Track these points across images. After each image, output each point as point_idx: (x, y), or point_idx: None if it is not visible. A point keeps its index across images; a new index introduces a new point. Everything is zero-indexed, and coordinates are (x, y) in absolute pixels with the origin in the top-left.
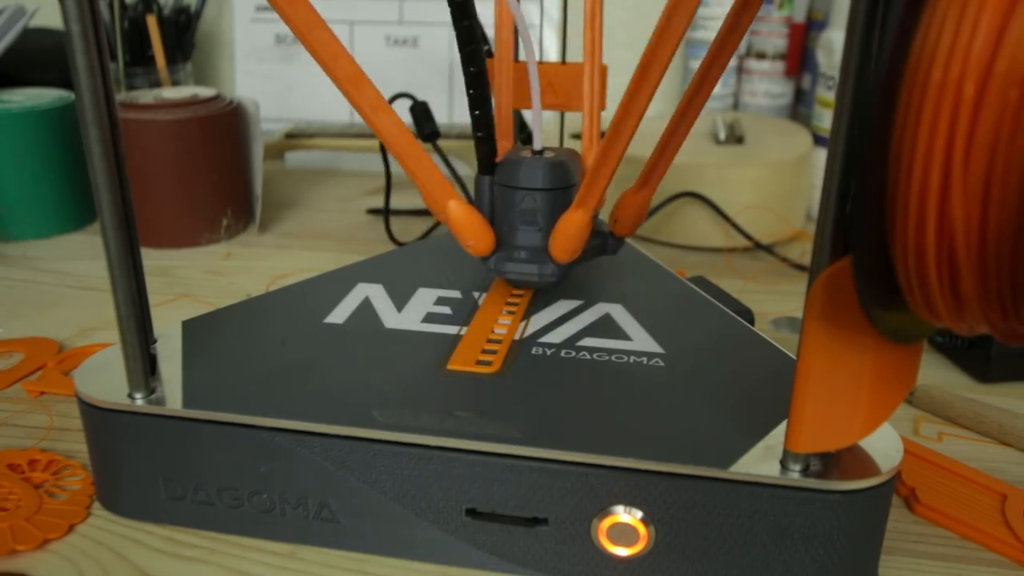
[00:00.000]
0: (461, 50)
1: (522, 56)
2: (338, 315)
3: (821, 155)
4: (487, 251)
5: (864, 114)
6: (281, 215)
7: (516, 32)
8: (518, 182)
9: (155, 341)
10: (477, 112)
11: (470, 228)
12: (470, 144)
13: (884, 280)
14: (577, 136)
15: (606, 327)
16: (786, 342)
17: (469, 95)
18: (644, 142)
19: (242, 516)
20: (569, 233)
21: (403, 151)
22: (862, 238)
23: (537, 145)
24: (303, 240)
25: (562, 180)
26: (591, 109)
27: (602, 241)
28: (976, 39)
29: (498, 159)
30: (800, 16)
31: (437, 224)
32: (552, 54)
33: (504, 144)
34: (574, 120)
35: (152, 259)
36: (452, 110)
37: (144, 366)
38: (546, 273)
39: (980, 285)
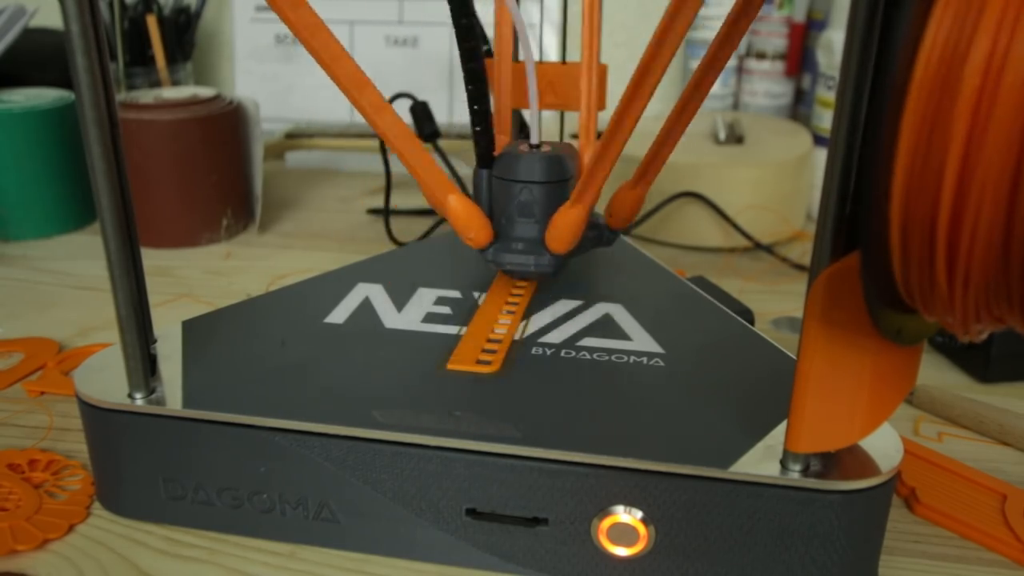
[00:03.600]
0: (460, 47)
1: (522, 56)
2: (338, 315)
3: (821, 155)
4: (486, 243)
5: (876, 116)
6: (281, 215)
7: (516, 31)
8: (516, 175)
9: (155, 341)
10: (476, 107)
11: (469, 221)
12: (470, 143)
13: (892, 282)
14: (577, 136)
15: (606, 327)
16: (786, 342)
17: (468, 90)
18: (639, 142)
19: (242, 516)
20: (565, 227)
21: (404, 149)
22: (871, 239)
23: (534, 140)
24: (303, 240)
25: (558, 173)
26: (588, 106)
27: (598, 233)
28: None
29: (496, 153)
30: (800, 16)
31: (437, 224)
32: (552, 54)
33: (502, 140)
34: (574, 120)
35: (152, 259)
36: (452, 110)
37: (144, 366)
38: (542, 264)
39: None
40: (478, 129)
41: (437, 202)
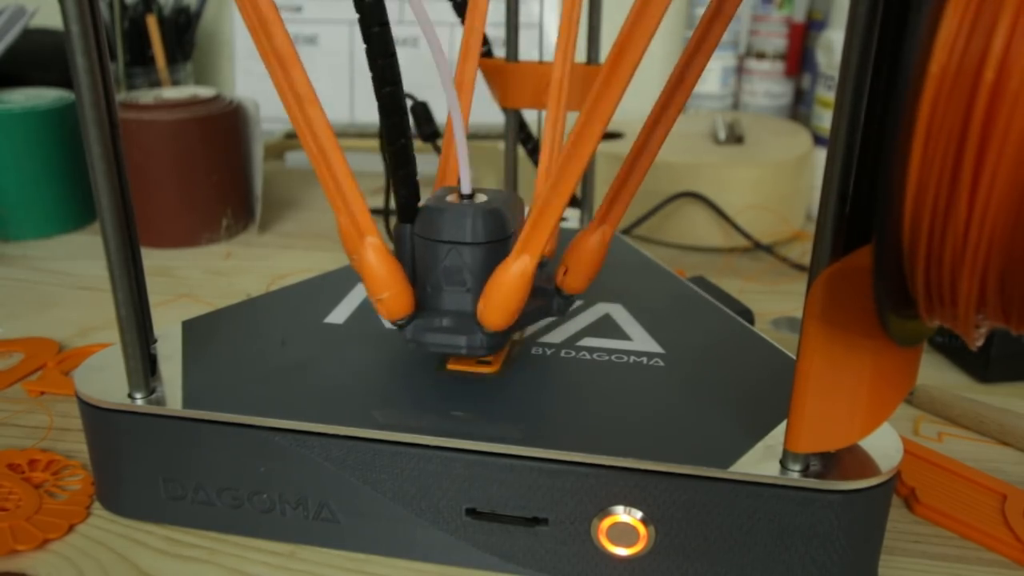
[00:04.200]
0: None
1: (523, 55)
2: (338, 315)
3: (821, 155)
4: (402, 313)
5: (891, 117)
6: (281, 215)
7: (511, 30)
8: (440, 234)
9: (155, 341)
10: (395, 143)
11: (384, 280)
12: (470, 144)
13: (904, 285)
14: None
15: (606, 327)
16: (786, 342)
17: (383, 124)
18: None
19: (242, 516)
20: (505, 289)
21: (323, 159)
22: (885, 242)
23: (466, 188)
24: (303, 240)
25: (496, 231)
26: (554, 117)
27: (546, 302)
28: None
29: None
30: (800, 16)
31: None
32: (552, 54)
33: (449, 183)
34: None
35: (152, 259)
36: None
37: (144, 366)
38: (475, 345)
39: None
40: (400, 172)
41: (351, 244)
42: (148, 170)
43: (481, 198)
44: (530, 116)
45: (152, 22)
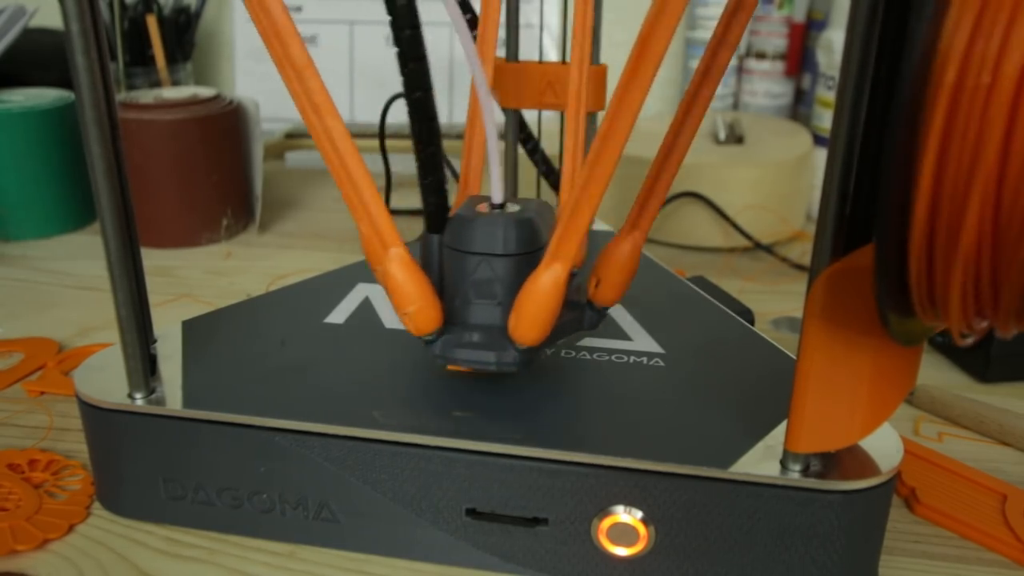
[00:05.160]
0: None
1: (524, 55)
2: (338, 315)
3: (821, 155)
4: (430, 328)
5: (895, 123)
6: (281, 215)
7: (511, 30)
8: (471, 246)
9: (155, 341)
10: (424, 150)
11: (410, 294)
12: None
13: (905, 285)
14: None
15: (606, 327)
16: (786, 342)
17: (413, 130)
18: (645, 142)
19: (242, 516)
20: (537, 300)
21: (344, 170)
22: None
23: (497, 197)
24: (303, 240)
25: (529, 242)
26: (575, 119)
27: (578, 314)
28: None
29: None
30: (800, 16)
31: None
32: (552, 54)
33: (472, 190)
34: None
35: (152, 259)
36: (452, 110)
37: (144, 366)
38: (506, 361)
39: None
40: (427, 180)
41: (375, 256)
42: (148, 170)
43: (513, 208)
44: (530, 116)
45: (152, 22)
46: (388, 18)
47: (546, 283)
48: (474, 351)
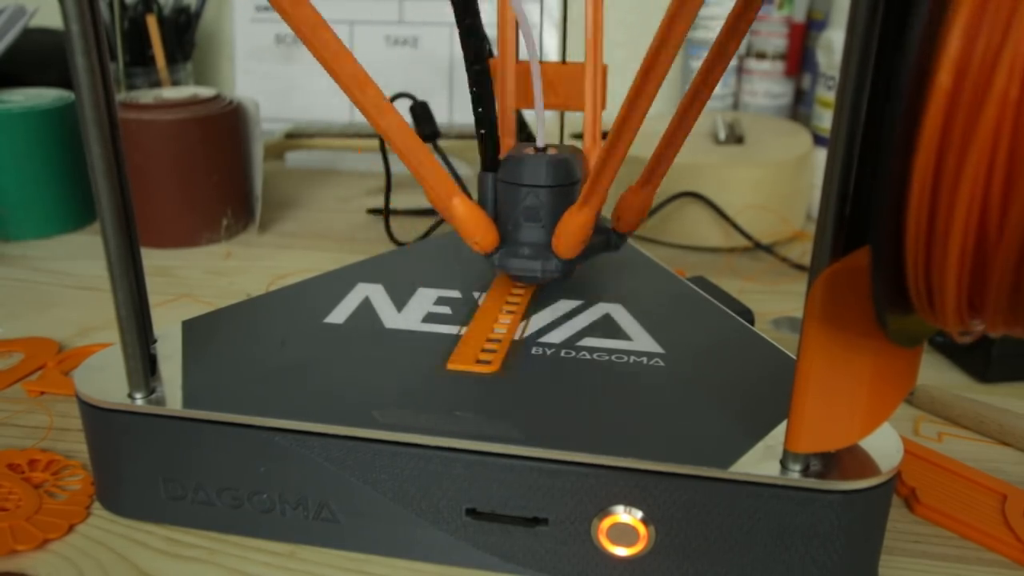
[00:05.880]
0: (464, 49)
1: (524, 55)
2: (338, 315)
3: (821, 155)
4: (491, 247)
5: (890, 124)
6: (281, 215)
7: (518, 31)
8: (521, 179)
9: (155, 341)
10: (480, 109)
11: (474, 225)
12: (470, 144)
13: (902, 285)
14: (577, 136)
15: (606, 327)
16: (786, 342)
17: (472, 93)
18: (645, 142)
19: (242, 516)
20: (572, 231)
21: (407, 150)
22: (882, 242)
23: (540, 142)
24: (303, 240)
25: (565, 177)
26: (593, 107)
27: (605, 238)
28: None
29: (501, 156)
30: (800, 16)
31: (437, 224)
32: (552, 54)
33: (507, 142)
34: (574, 121)
35: (152, 259)
36: (452, 110)
37: (144, 366)
38: (550, 269)
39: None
40: (483, 132)
41: (441, 205)
42: (148, 170)
43: (552, 151)
44: (530, 115)
45: (152, 22)
46: (390, 17)
47: (580, 219)
48: (525, 261)
